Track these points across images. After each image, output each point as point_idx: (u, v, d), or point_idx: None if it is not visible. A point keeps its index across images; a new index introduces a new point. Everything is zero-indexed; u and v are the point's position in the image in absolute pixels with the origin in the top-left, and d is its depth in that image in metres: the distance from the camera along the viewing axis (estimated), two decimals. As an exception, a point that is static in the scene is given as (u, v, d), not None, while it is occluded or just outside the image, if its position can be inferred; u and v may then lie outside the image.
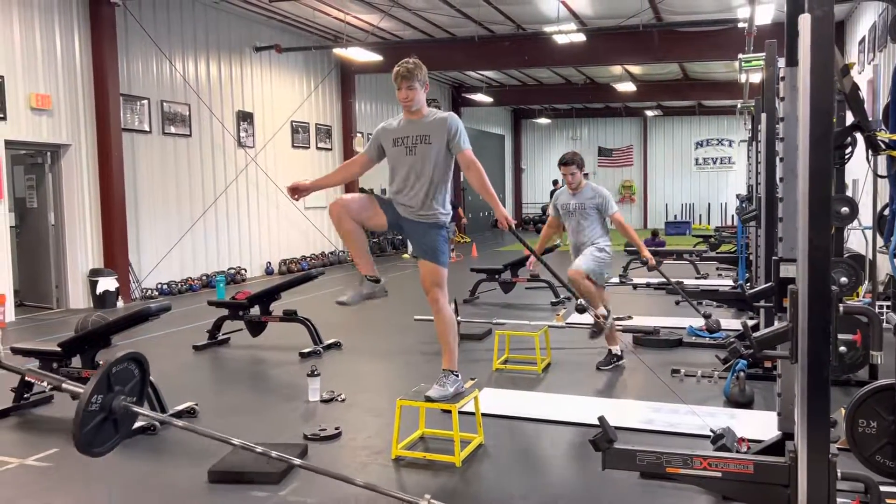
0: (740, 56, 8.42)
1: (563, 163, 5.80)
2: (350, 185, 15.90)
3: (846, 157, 4.23)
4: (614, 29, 12.72)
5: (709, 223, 25.48)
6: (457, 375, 4.06)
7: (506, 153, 26.85)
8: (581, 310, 4.21)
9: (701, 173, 26.21)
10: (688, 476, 2.53)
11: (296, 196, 4.10)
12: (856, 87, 2.73)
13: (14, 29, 8.88)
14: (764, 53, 5.08)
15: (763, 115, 5.23)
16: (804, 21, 2.27)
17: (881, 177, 2.93)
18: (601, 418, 2.69)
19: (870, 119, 3.20)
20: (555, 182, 21.11)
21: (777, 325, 2.52)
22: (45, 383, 3.29)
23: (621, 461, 2.67)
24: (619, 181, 26.91)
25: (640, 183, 26.75)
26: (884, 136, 2.67)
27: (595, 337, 5.50)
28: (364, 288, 4.06)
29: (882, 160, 2.86)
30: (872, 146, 2.74)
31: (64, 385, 3.23)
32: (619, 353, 5.87)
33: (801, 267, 2.33)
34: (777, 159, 3.41)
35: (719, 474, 2.48)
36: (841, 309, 2.26)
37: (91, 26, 9.78)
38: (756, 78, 11.17)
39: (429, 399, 3.94)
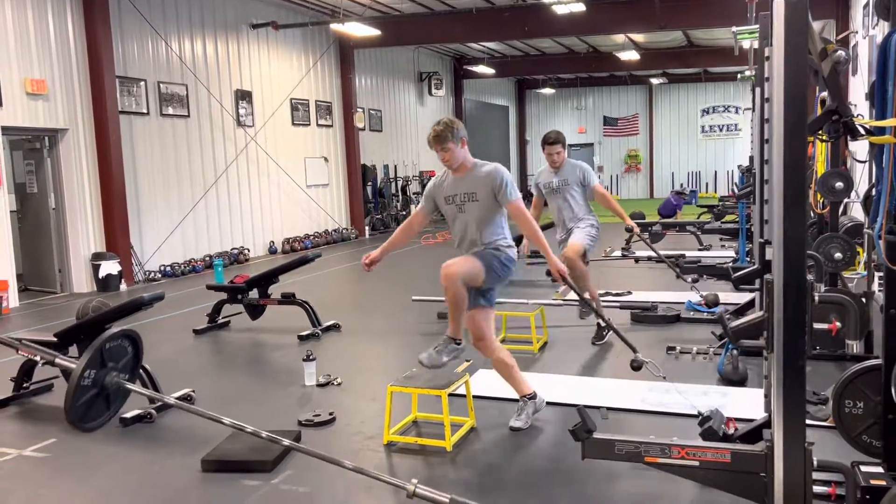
0: (734, 29, 8.26)
1: (549, 142, 5.78)
2: (353, 189, 15.88)
3: (839, 131, 4.18)
4: (614, -2, 12.54)
5: (715, 191, 25.31)
6: (458, 343, 4.09)
7: (510, 124, 26.67)
8: (637, 367, 3.91)
9: (707, 141, 25.98)
10: (666, 465, 2.54)
11: (371, 268, 4.29)
12: (835, 71, 2.68)
13: (6, 14, 8.83)
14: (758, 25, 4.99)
15: (758, 90, 5.15)
16: (777, 6, 2.22)
17: (860, 161, 2.89)
18: (580, 409, 2.70)
19: (866, 90, 3.13)
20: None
21: (753, 315, 2.51)
22: (38, 357, 3.33)
23: (600, 451, 2.68)
24: (625, 150, 26.72)
25: (645, 152, 26.55)
26: (861, 121, 2.62)
27: (585, 317, 5.60)
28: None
29: (864, 144, 2.81)
30: (850, 132, 2.70)
31: (57, 360, 3.28)
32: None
33: (777, 257, 2.31)
34: (763, 140, 3.37)
35: (697, 463, 2.49)
36: (816, 298, 2.24)
37: (84, 8, 9.70)
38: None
39: (420, 363, 4.00)
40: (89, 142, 9.85)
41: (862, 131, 2.57)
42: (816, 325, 2.32)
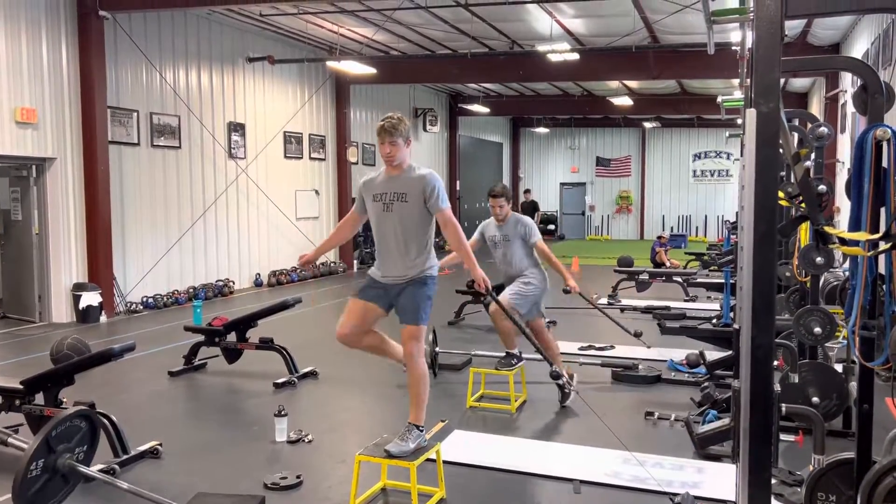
0: (720, 99, 8.35)
1: (493, 195, 5.80)
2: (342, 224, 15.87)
3: (823, 204, 4.17)
4: (608, 50, 12.67)
5: (705, 235, 25.44)
6: (421, 430, 4.01)
7: (504, 161, 26.84)
8: (556, 376, 3.95)
9: (699, 185, 26.16)
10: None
11: (308, 267, 4.20)
12: (807, 175, 2.67)
13: None
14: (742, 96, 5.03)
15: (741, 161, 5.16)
16: (750, 116, 2.22)
17: (834, 268, 2.87)
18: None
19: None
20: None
21: (720, 422, 2.46)
22: (-9, 437, 3.25)
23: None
24: (617, 191, 26.88)
25: (637, 193, 26.70)
26: (834, 231, 2.61)
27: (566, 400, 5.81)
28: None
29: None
30: (822, 239, 2.69)
31: (10, 440, 3.18)
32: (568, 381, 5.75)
33: (745, 366, 2.28)
34: (740, 226, 3.35)
35: (659, 570, 2.43)
36: (783, 409, 2.20)
37: (79, 39, 9.72)
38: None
39: (388, 455, 3.90)
40: (77, 171, 9.80)
41: (835, 240, 2.55)
42: (783, 438, 2.28)
